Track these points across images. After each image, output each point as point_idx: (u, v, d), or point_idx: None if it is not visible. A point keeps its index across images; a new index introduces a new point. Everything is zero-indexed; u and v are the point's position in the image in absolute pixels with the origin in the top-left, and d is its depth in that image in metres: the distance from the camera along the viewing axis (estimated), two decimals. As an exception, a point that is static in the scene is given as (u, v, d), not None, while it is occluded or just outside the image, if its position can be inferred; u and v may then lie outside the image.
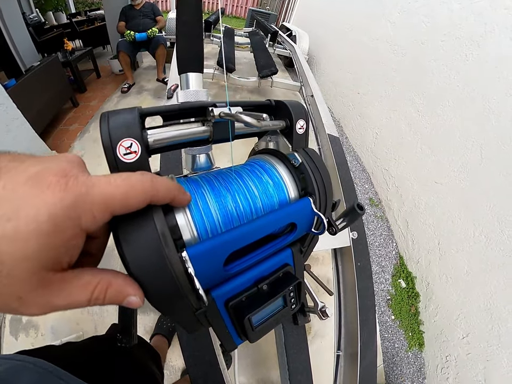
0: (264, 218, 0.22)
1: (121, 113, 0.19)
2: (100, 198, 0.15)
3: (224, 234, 0.21)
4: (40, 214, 0.13)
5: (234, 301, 0.25)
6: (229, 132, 0.23)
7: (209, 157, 0.34)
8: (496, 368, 1.21)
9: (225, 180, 0.24)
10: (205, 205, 0.21)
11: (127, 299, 0.18)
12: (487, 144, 1.39)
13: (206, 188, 0.23)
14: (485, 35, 1.44)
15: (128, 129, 0.18)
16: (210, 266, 0.20)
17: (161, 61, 2.93)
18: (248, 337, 0.27)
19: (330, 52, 3.25)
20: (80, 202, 0.15)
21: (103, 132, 0.18)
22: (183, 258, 0.18)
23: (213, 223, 0.21)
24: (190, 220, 0.20)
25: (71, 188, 0.15)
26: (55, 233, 0.14)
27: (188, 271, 0.18)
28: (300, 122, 0.27)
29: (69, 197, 0.14)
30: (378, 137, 2.27)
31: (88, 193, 0.15)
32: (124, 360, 0.57)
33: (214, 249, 0.20)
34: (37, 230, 0.13)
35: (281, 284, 0.27)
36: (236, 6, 8.18)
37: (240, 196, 0.23)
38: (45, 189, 0.14)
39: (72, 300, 0.16)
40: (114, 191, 0.16)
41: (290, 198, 0.26)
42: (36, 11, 4.20)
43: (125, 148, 0.18)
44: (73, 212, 0.14)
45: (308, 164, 0.26)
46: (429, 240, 1.68)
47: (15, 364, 0.34)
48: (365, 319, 0.72)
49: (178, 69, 0.32)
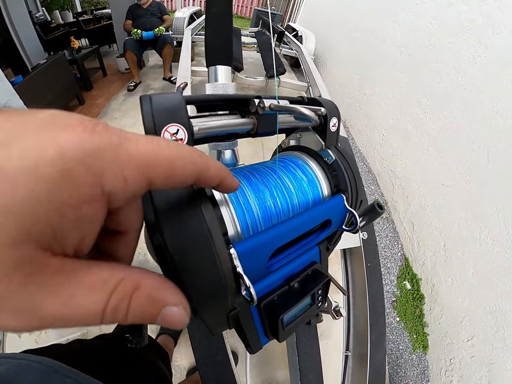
0: (303, 215, 0.22)
1: (165, 96, 0.17)
2: (137, 157, 0.11)
3: (268, 231, 0.20)
4: (47, 151, 0.09)
5: (267, 299, 0.24)
6: (275, 124, 0.23)
7: (235, 153, 0.34)
8: (500, 372, 1.21)
9: (262, 176, 0.24)
10: (245, 199, 0.21)
11: (164, 311, 0.12)
12: (494, 146, 1.38)
13: (244, 183, 0.22)
14: (493, 37, 1.43)
15: (175, 114, 0.17)
16: (254, 263, 0.19)
17: (168, 59, 2.93)
18: (278, 337, 0.26)
19: (337, 52, 3.24)
20: (108, 152, 0.10)
21: (146, 115, 0.16)
22: (231, 256, 0.17)
23: (253, 219, 0.21)
24: (234, 215, 0.20)
25: (99, 132, 0.10)
26: (63, 184, 0.09)
27: (236, 269, 0.17)
28: (333, 120, 0.27)
29: (94, 140, 0.10)
30: (385, 139, 2.26)
31: (122, 145, 0.11)
32: (132, 359, 0.57)
33: (260, 247, 0.19)
34: (36, 172, 0.08)
35: (311, 282, 0.27)
36: (241, 6, 8.19)
37: (278, 192, 0.23)
38: (62, 127, 0.10)
39: (75, 306, 0.10)
40: (157, 153, 0.11)
41: (323, 195, 0.26)
42: (42, 10, 4.22)
43: (170, 134, 0.17)
44: (97, 162, 0.10)
45: (341, 161, 0.26)
46: (435, 242, 1.68)
47: (19, 363, 0.33)
48: (374, 319, 0.72)
49: (206, 61, 0.31)
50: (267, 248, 0.20)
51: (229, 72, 0.33)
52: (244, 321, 0.24)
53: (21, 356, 0.35)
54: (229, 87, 0.32)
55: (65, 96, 2.45)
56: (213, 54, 0.32)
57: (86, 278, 0.10)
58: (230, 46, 0.32)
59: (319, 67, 3.54)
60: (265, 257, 0.20)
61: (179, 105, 0.17)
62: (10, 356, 0.34)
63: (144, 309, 0.11)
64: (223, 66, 0.32)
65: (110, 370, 0.48)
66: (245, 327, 0.25)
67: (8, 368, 0.32)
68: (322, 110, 0.24)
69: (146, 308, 0.11)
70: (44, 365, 0.34)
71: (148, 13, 2.79)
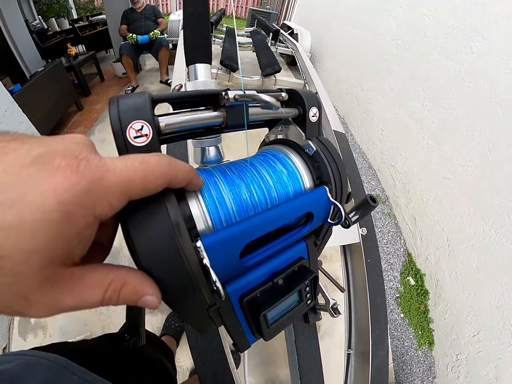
0: (281, 207, 0.21)
1: (131, 96, 0.18)
2: (117, 184, 0.14)
3: (240, 223, 0.20)
4: (49, 201, 0.12)
5: (249, 296, 0.24)
6: (243, 116, 0.22)
7: (219, 149, 0.33)
8: (507, 367, 1.19)
9: (239, 170, 0.23)
10: (219, 193, 0.21)
11: (142, 299, 0.16)
12: (495, 137, 1.36)
13: (219, 177, 0.22)
14: (489, 26, 1.42)
15: (139, 111, 0.18)
16: (225, 257, 0.19)
17: (164, 62, 2.95)
18: (263, 335, 0.26)
19: (333, 48, 3.23)
20: (94, 189, 0.13)
21: (113, 114, 0.17)
22: (197, 249, 0.17)
23: (227, 213, 0.21)
24: (204, 209, 0.20)
25: (83, 172, 0.13)
26: (66, 223, 0.12)
27: (203, 262, 0.17)
28: (312, 110, 0.26)
29: (82, 182, 0.13)
30: (384, 133, 2.25)
31: (103, 178, 0.13)
32: (138, 357, 0.57)
33: (230, 239, 0.19)
34: (45, 219, 0.12)
35: (297, 278, 0.26)
36: (237, 7, 8.20)
37: (255, 185, 0.22)
38: (53, 173, 0.12)
39: (83, 300, 0.14)
40: (131, 175, 0.14)
41: (305, 187, 0.25)
42: (38, 18, 4.28)
43: (135, 131, 0.17)
44: (87, 199, 0.13)
45: (322, 152, 0.25)
46: (438, 237, 1.66)
47: (28, 359, 0.34)
48: (376, 317, 0.71)
49: (186, 60, 0.31)
50: (239, 241, 0.19)
51: (208, 70, 0.33)
52: (226, 318, 0.24)
53: (30, 352, 0.36)
54: (209, 84, 0.31)
55: (64, 102, 2.47)
56: (192, 53, 0.33)
57: (88, 279, 0.15)
58: (208, 44, 0.32)
59: (315, 64, 3.53)
60: (238, 250, 0.20)
61: (143, 103, 0.18)
62: (19, 353, 0.35)
63: (128, 297, 0.16)
64: (202, 64, 0.32)
65: (117, 368, 0.49)
66: (228, 324, 0.25)
67: (17, 364, 0.33)
68: (283, 94, 0.23)
69: (130, 297, 0.16)
70: (52, 362, 0.35)
71: (142, 17, 2.81)
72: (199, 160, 0.33)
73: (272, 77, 2.18)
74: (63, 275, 0.14)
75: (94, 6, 6.43)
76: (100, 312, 1.31)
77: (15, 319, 1.29)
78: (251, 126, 0.28)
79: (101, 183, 0.13)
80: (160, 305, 0.18)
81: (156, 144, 0.18)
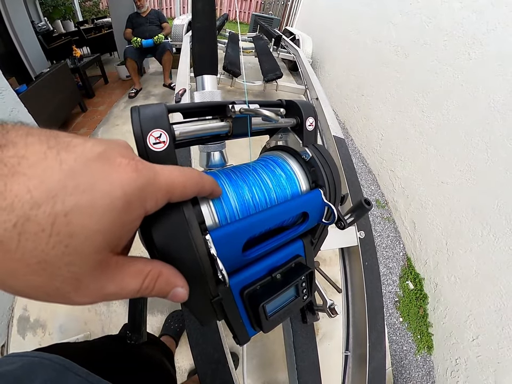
0: (279, 207, 0.24)
1: (150, 107, 0.21)
2: (165, 185, 0.16)
3: (242, 220, 0.22)
4: (116, 190, 0.14)
5: (250, 288, 0.26)
6: (247, 126, 0.25)
7: (223, 154, 0.36)
8: (507, 371, 1.19)
9: (242, 173, 0.26)
10: (225, 194, 0.23)
11: (173, 290, 0.18)
12: (493, 142, 1.38)
13: (225, 179, 0.24)
14: (487, 33, 1.44)
15: (157, 121, 0.20)
16: (229, 249, 0.22)
17: (168, 66, 2.99)
18: (262, 327, 0.27)
19: (334, 55, 3.27)
20: (148, 186, 0.15)
21: (135, 123, 0.20)
22: (206, 240, 0.20)
23: (232, 211, 0.23)
24: (212, 207, 0.22)
25: (141, 171, 0.15)
26: (126, 211, 0.14)
27: (210, 254, 0.20)
28: (309, 119, 0.29)
29: (140, 179, 0.15)
30: (384, 139, 2.27)
31: (156, 179, 0.16)
32: (138, 357, 0.58)
33: (234, 233, 0.21)
34: (111, 204, 0.13)
35: (294, 274, 0.28)
36: (240, 12, 8.30)
37: (256, 187, 0.25)
38: (117, 168, 0.14)
39: (123, 287, 0.16)
40: (175, 180, 0.17)
41: (302, 190, 0.27)
42: (44, 19, 4.34)
43: (154, 138, 0.20)
44: (142, 194, 0.15)
45: (317, 158, 0.27)
46: (437, 241, 1.67)
47: (31, 360, 0.34)
48: (373, 319, 0.71)
49: (194, 71, 0.34)
50: (242, 235, 0.22)
51: (215, 81, 0.35)
52: (228, 310, 0.26)
53: (33, 353, 0.36)
54: (215, 94, 0.34)
55: (68, 103, 2.50)
56: (200, 65, 0.35)
57: (129, 269, 0.16)
58: (215, 57, 0.35)
59: (316, 70, 3.56)
60: (240, 244, 0.22)
61: (161, 113, 0.21)
62: (23, 354, 0.36)
63: (163, 287, 0.18)
64: (209, 76, 0.35)
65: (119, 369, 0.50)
66: (230, 316, 0.26)
67: (21, 365, 0.33)
68: (282, 110, 0.26)
69: (164, 287, 0.18)
70: (56, 363, 0.35)
71: (147, 21, 2.86)
72: (205, 164, 0.35)
73: (273, 82, 2.21)
74: (111, 262, 0.15)
75: (99, 9, 6.53)
76: (99, 312, 1.31)
77: (15, 317, 1.28)
78: (254, 133, 0.31)
79: (153, 182, 0.16)
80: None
81: (171, 150, 0.21)
